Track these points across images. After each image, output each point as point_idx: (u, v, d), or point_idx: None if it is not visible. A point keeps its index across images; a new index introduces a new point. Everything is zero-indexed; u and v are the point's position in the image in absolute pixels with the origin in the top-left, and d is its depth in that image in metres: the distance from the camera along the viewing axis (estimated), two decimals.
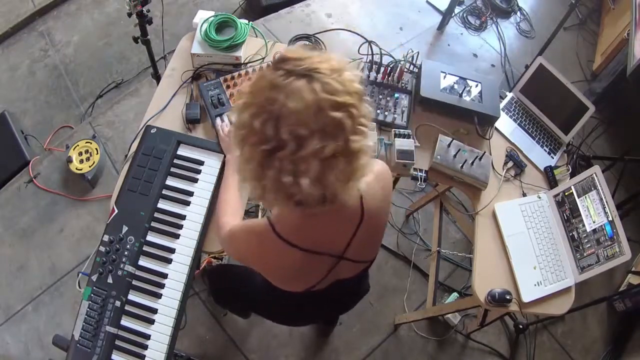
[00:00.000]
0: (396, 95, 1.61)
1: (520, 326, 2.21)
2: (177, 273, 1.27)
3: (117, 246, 1.25)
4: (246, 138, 0.81)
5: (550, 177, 1.64)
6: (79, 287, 1.26)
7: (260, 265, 1.06)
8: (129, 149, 1.43)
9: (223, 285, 1.59)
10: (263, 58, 1.64)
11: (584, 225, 1.50)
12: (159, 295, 1.24)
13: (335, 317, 2.04)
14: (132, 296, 1.23)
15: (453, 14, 3.25)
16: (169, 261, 1.28)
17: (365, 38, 1.70)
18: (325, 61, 0.80)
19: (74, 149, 2.31)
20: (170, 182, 1.37)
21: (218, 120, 1.45)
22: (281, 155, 0.78)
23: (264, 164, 0.80)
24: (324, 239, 0.98)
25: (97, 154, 2.31)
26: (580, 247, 1.50)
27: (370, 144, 0.85)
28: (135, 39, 1.83)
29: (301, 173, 0.78)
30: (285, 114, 0.76)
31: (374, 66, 1.65)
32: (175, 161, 1.40)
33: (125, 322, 1.21)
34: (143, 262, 1.27)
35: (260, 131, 0.78)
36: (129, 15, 1.67)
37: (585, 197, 1.52)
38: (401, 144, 1.50)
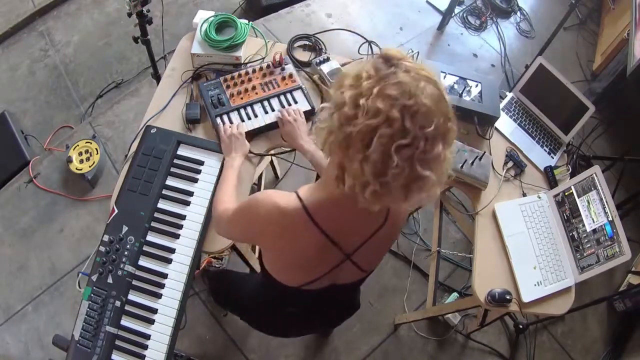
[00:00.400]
0: None
1: (520, 326, 2.21)
2: (177, 273, 1.27)
3: (117, 246, 1.25)
4: (378, 128, 0.76)
5: (550, 177, 1.64)
6: (79, 287, 1.26)
7: (269, 241, 1.02)
8: (129, 149, 1.43)
9: (220, 289, 1.59)
10: (263, 58, 1.64)
11: (584, 225, 1.50)
12: (159, 295, 1.24)
13: (321, 330, 2.04)
14: (132, 296, 1.23)
15: (453, 14, 3.25)
16: (169, 261, 1.28)
17: (365, 38, 1.70)
18: (431, 73, 0.82)
19: (74, 149, 2.31)
20: (170, 182, 1.37)
21: (219, 121, 1.46)
22: (410, 153, 0.76)
23: (390, 158, 0.76)
24: (345, 230, 0.97)
25: (97, 154, 2.31)
26: (580, 247, 1.50)
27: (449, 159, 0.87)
28: (135, 39, 1.83)
29: (427, 170, 0.78)
30: (423, 113, 0.76)
31: None
32: (175, 161, 1.40)
33: (125, 322, 1.21)
34: (143, 262, 1.27)
35: (399, 122, 0.75)
36: (129, 15, 1.67)
37: (585, 197, 1.52)
38: None
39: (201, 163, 1.41)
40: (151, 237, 1.30)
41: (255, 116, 1.49)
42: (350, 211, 0.92)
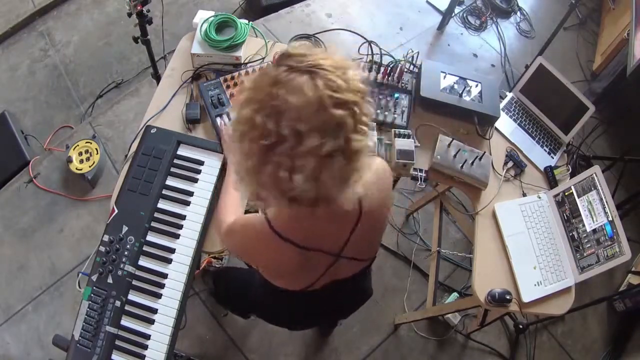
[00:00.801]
0: (396, 95, 1.61)
1: (520, 326, 2.21)
2: (177, 273, 1.27)
3: (117, 246, 1.25)
4: (247, 133, 0.80)
5: (550, 177, 1.64)
6: (79, 287, 1.26)
7: (257, 261, 1.07)
8: (129, 149, 1.43)
9: (226, 287, 1.59)
10: (263, 58, 1.64)
11: (584, 225, 1.50)
12: (159, 295, 1.24)
13: (335, 321, 2.04)
14: (132, 296, 1.23)
15: (453, 14, 3.25)
16: (169, 261, 1.28)
17: (365, 38, 1.70)
18: (329, 58, 0.80)
19: (74, 149, 2.31)
20: (170, 182, 1.37)
21: (220, 120, 1.45)
22: (279, 151, 0.77)
23: (263, 159, 0.79)
24: (320, 236, 0.98)
25: (97, 154, 2.31)
26: (580, 247, 1.50)
27: (370, 144, 0.84)
28: (135, 39, 1.83)
29: (297, 169, 0.77)
30: (286, 109, 0.75)
31: (373, 66, 1.65)
32: (175, 161, 1.40)
33: (125, 322, 1.21)
34: (143, 262, 1.27)
35: (261, 126, 0.77)
36: (129, 15, 1.67)
37: (585, 197, 1.52)
38: (401, 144, 1.50)
39: (201, 163, 1.41)
40: (151, 237, 1.29)
41: None
42: (317, 217, 0.93)
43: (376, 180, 1.01)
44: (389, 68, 1.62)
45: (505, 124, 1.72)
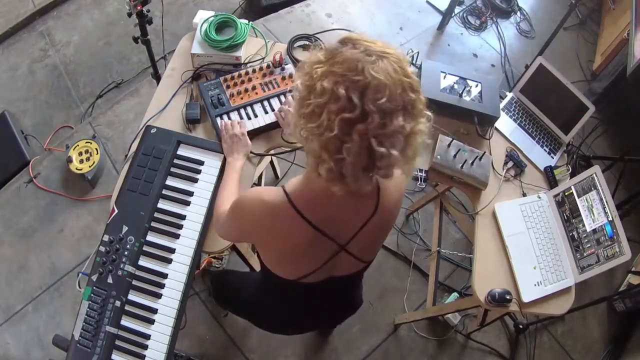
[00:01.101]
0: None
1: (520, 326, 2.21)
2: (177, 273, 1.27)
3: (117, 246, 1.25)
4: (325, 105, 0.79)
5: (550, 177, 1.64)
6: (79, 287, 1.26)
7: (261, 237, 1.04)
8: (129, 149, 1.43)
9: (221, 289, 1.59)
10: (263, 58, 1.64)
11: (584, 225, 1.50)
12: (159, 295, 1.24)
13: (325, 327, 2.04)
14: (132, 296, 1.23)
15: (453, 14, 3.25)
16: (169, 261, 1.28)
17: None
18: (391, 49, 0.83)
19: (74, 149, 2.31)
20: (170, 182, 1.37)
21: (220, 120, 1.46)
22: (363, 128, 0.77)
23: (344, 134, 0.78)
24: (333, 221, 0.98)
25: (97, 154, 2.31)
26: (580, 247, 1.50)
27: (426, 129, 0.88)
28: (135, 39, 1.83)
29: (389, 146, 0.79)
30: (374, 86, 0.76)
31: None
32: (175, 161, 1.40)
33: (125, 322, 1.21)
34: (143, 262, 1.27)
35: (345, 98, 0.77)
36: (129, 15, 1.67)
37: (585, 197, 1.52)
38: None
39: (201, 163, 1.41)
40: (151, 237, 1.29)
41: (255, 116, 1.49)
42: (337, 201, 0.93)
43: (394, 183, 1.02)
44: None
45: (505, 124, 1.72)
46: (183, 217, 1.33)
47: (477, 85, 1.64)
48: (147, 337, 1.20)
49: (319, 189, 0.92)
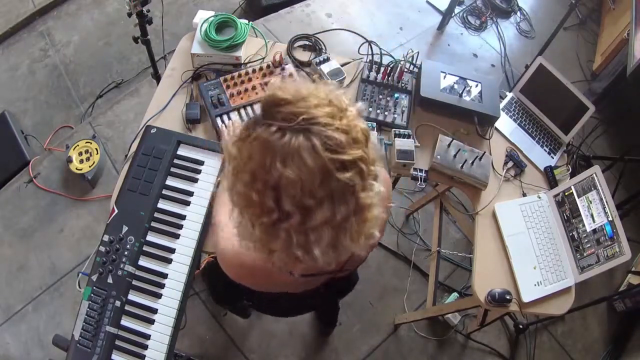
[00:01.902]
0: (396, 95, 1.61)
1: (520, 326, 2.21)
2: (177, 273, 1.27)
3: (117, 246, 1.25)
4: (245, 209, 0.73)
5: (550, 177, 1.64)
6: (79, 287, 1.25)
7: (255, 285, 1.04)
8: (129, 149, 1.43)
9: (220, 279, 1.58)
10: (263, 58, 1.64)
11: (584, 225, 1.50)
12: (159, 295, 1.24)
13: (328, 305, 2.04)
14: (132, 296, 1.23)
15: (453, 14, 3.25)
16: (169, 261, 1.28)
17: (365, 38, 1.70)
18: (322, 102, 0.69)
19: (74, 149, 2.31)
20: (170, 182, 1.37)
21: (220, 120, 1.45)
22: (286, 227, 0.70)
23: (269, 233, 0.72)
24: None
25: (97, 154, 2.31)
26: (580, 247, 1.50)
27: (382, 190, 0.75)
28: (135, 39, 1.83)
29: (312, 243, 0.70)
30: (285, 184, 0.66)
31: (374, 66, 1.65)
32: (175, 161, 1.40)
33: (125, 322, 1.21)
34: (143, 262, 1.27)
35: (259, 203, 0.69)
36: (129, 15, 1.67)
37: (585, 197, 1.52)
38: (401, 144, 1.50)
39: (201, 163, 1.41)
40: (151, 237, 1.29)
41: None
42: None
43: (379, 198, 1.00)
44: (389, 68, 1.62)
45: (505, 124, 1.72)
46: (183, 217, 1.33)
47: (477, 85, 1.64)
48: (147, 337, 1.20)
49: None
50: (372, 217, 0.74)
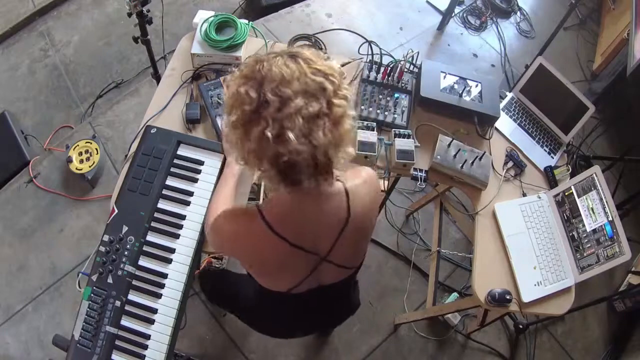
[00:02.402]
0: (396, 95, 1.61)
1: (520, 326, 2.21)
2: (177, 273, 1.27)
3: (117, 246, 1.25)
4: (233, 105, 0.86)
5: (550, 177, 1.64)
6: (79, 287, 1.26)
7: (242, 254, 1.06)
8: (129, 149, 1.43)
9: (220, 290, 1.59)
10: None
11: (584, 225, 1.50)
12: (159, 295, 1.24)
13: (323, 330, 2.04)
14: (132, 296, 1.23)
15: (453, 14, 3.25)
16: (169, 261, 1.28)
17: (365, 38, 1.70)
18: (313, 53, 0.89)
19: (74, 149, 2.31)
20: (170, 182, 1.37)
21: (220, 120, 1.45)
22: (265, 114, 0.82)
23: (249, 123, 0.84)
24: (309, 234, 0.99)
25: (97, 154, 2.31)
26: (580, 247, 1.50)
27: (353, 113, 0.90)
28: (135, 39, 1.83)
29: (287, 128, 0.81)
30: (268, 77, 0.82)
31: (374, 66, 1.65)
32: (175, 161, 1.40)
33: (125, 322, 1.21)
34: (143, 262, 1.27)
35: (245, 94, 0.83)
36: (129, 15, 1.67)
37: (585, 197, 1.52)
38: (401, 144, 1.50)
39: (201, 163, 1.41)
40: (151, 237, 1.29)
41: None
42: (309, 215, 0.95)
43: (364, 185, 1.02)
44: (389, 68, 1.62)
45: (505, 124, 1.72)
46: (183, 217, 1.33)
47: (477, 85, 1.64)
48: (147, 337, 1.20)
49: (288, 204, 0.94)
50: (345, 130, 0.88)
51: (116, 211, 1.30)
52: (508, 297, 1.36)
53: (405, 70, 1.66)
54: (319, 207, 0.95)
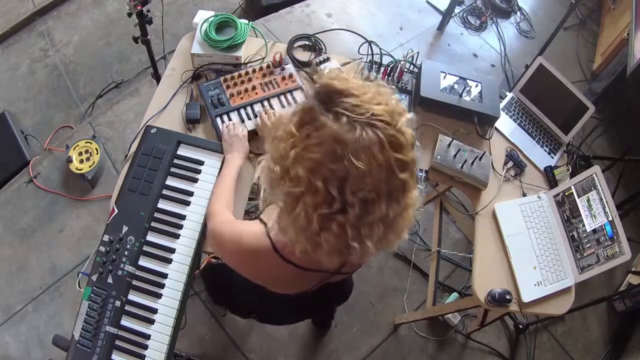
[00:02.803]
0: (396, 95, 1.61)
1: (520, 326, 2.21)
2: (177, 273, 1.27)
3: (117, 246, 1.25)
4: (301, 197, 0.71)
5: (550, 177, 1.64)
6: (79, 287, 1.25)
7: (248, 273, 1.03)
8: (129, 149, 1.43)
9: (218, 282, 1.58)
10: (263, 58, 1.64)
11: (584, 225, 1.50)
12: (159, 295, 1.24)
13: (323, 313, 2.04)
14: (132, 296, 1.23)
15: (453, 14, 3.25)
16: (169, 261, 1.28)
17: (365, 38, 1.70)
18: (380, 101, 0.71)
19: (74, 149, 2.31)
20: (170, 182, 1.37)
21: (220, 120, 1.45)
22: (343, 221, 0.70)
23: (322, 225, 0.72)
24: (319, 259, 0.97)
25: (97, 154, 2.31)
26: (580, 247, 1.50)
27: (420, 204, 0.80)
28: (135, 39, 1.83)
29: (365, 237, 0.72)
30: (354, 175, 0.67)
31: (374, 66, 1.65)
32: (175, 161, 1.40)
33: (125, 322, 1.21)
34: (143, 262, 1.27)
35: (323, 192, 0.68)
36: (129, 15, 1.67)
37: (585, 197, 1.52)
38: None
39: (201, 163, 1.41)
40: (151, 237, 1.29)
41: (255, 116, 1.49)
42: None
43: None
44: (389, 68, 1.62)
45: (505, 124, 1.72)
46: (183, 217, 1.33)
47: (477, 85, 1.64)
48: (147, 337, 1.20)
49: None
50: (409, 217, 0.78)
51: (116, 211, 1.30)
52: (508, 297, 1.36)
53: (405, 70, 1.66)
54: None
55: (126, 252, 1.25)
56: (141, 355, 1.18)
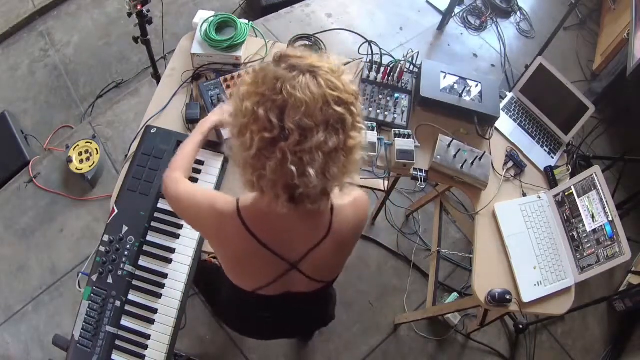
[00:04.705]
0: (396, 95, 1.61)
1: (520, 326, 2.21)
2: (177, 273, 1.27)
3: (117, 246, 1.25)
4: (248, 125, 0.81)
5: (550, 177, 1.64)
6: (79, 287, 1.26)
7: (206, 235, 1.08)
8: (129, 149, 1.43)
9: (203, 281, 1.56)
10: (263, 58, 1.64)
11: (584, 225, 1.50)
12: (159, 295, 1.24)
13: (295, 337, 2.01)
14: (132, 296, 1.23)
15: (453, 14, 3.25)
16: (169, 261, 1.28)
17: (365, 38, 1.69)
18: (325, 62, 0.83)
19: (74, 149, 2.31)
20: None
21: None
22: (284, 146, 0.78)
23: (265, 152, 0.81)
24: (284, 240, 0.97)
25: (97, 154, 2.31)
26: (580, 247, 1.50)
27: (365, 143, 0.88)
28: (135, 39, 1.83)
29: (306, 164, 0.79)
30: (292, 104, 0.77)
31: (374, 66, 1.65)
32: None
33: (125, 322, 1.21)
34: (143, 262, 1.27)
35: (264, 119, 0.79)
36: (129, 15, 1.67)
37: (585, 197, 1.52)
38: (401, 144, 1.50)
39: (201, 163, 1.41)
40: (151, 237, 1.29)
41: None
42: (288, 222, 0.94)
43: (352, 206, 1.01)
44: (389, 68, 1.62)
45: (505, 124, 1.72)
46: None
47: (477, 85, 1.64)
48: (147, 337, 1.20)
49: (269, 208, 0.90)
50: (355, 159, 0.86)
51: (116, 211, 1.30)
52: (508, 297, 1.36)
53: (405, 70, 1.66)
54: (299, 218, 0.93)
55: (126, 252, 1.25)
56: (141, 355, 1.19)
